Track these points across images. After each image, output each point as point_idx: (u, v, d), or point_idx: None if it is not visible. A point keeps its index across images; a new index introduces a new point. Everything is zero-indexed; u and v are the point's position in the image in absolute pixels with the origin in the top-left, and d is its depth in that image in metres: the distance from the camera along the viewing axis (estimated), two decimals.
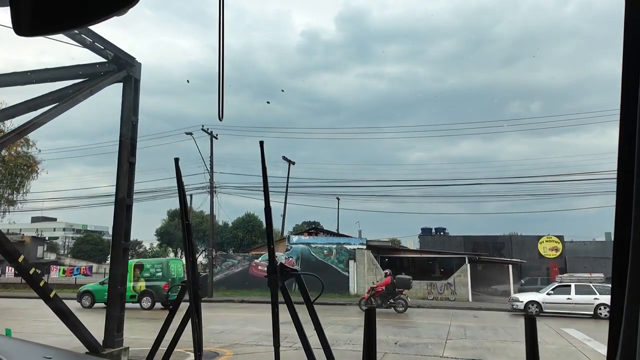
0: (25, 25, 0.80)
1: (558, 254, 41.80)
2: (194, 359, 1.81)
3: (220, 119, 1.74)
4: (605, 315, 18.65)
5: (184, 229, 1.78)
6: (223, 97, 1.68)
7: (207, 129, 25.46)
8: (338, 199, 50.55)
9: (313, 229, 30.43)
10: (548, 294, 20.41)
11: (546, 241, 42.63)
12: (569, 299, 19.60)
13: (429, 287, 25.27)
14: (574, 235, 47.77)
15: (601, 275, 21.82)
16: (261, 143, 1.75)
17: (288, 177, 40.39)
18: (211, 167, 25.56)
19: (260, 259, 27.01)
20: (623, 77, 0.65)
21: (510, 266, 26.48)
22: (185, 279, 1.76)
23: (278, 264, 1.82)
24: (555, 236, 42.47)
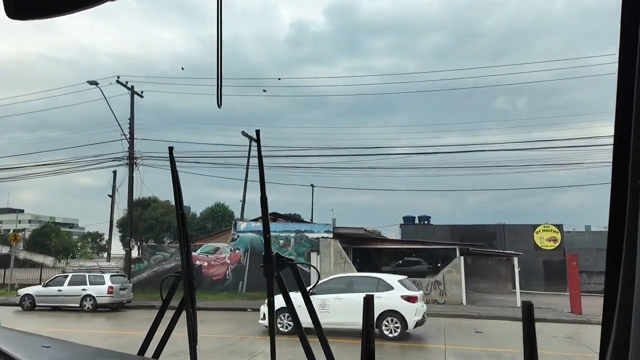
0: (18, 8, 0.80)
1: (557, 245, 36.97)
2: (189, 350, 1.63)
3: (219, 106, 1.45)
4: (89, 307, 17.64)
5: (178, 219, 1.66)
6: (221, 84, 1.42)
7: (126, 82, 19.56)
8: (312, 186, 45.09)
9: (271, 214, 24.77)
10: (45, 285, 18.72)
11: (543, 230, 37.79)
12: (59, 290, 18.14)
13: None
14: (574, 225, 43.05)
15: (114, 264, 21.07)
16: (257, 132, 1.74)
17: (249, 155, 34.93)
18: (131, 133, 19.64)
19: (199, 251, 21.30)
20: (619, 71, 0.66)
21: (515, 259, 21.17)
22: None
23: (274, 253, 1.65)
24: (554, 225, 37.64)
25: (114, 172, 21.79)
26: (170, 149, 1.66)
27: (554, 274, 33.28)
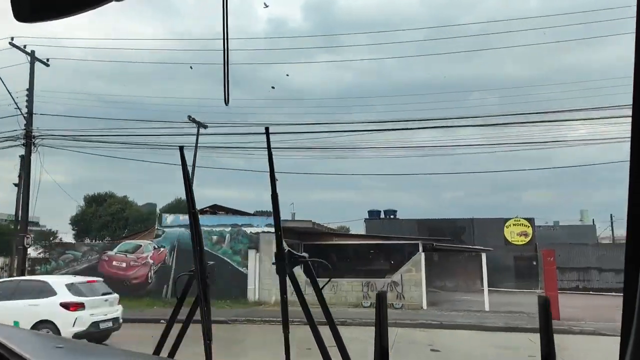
0: (24, 11, 0.80)
1: (528, 239, 34.94)
2: (204, 347, 1.72)
3: (226, 104, 1.46)
4: None
5: (190, 217, 1.78)
6: (228, 81, 1.41)
7: (24, 46, 16.12)
8: (276, 179, 42.13)
9: (210, 207, 21.65)
10: None
11: (513, 225, 35.72)
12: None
13: (366, 289, 17.04)
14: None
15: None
16: (267, 129, 1.79)
17: (197, 143, 31.84)
18: (29, 108, 16.20)
19: (116, 249, 18.03)
20: (636, 66, 0.64)
21: (484, 255, 18.63)
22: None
23: (286, 250, 1.68)
24: (525, 219, 35.58)
25: (21, 157, 18.29)
26: (181, 147, 1.74)
27: (526, 270, 31.18)
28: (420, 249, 19.52)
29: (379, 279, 17.43)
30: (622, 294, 0.66)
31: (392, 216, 40.15)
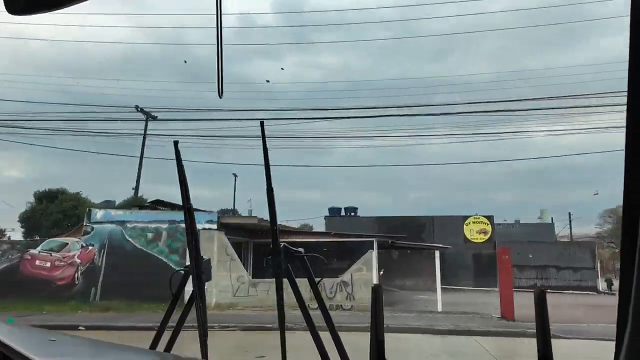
0: (17, 4, 0.80)
1: (487, 237, 34.65)
2: (199, 343, 1.74)
3: (220, 97, 1.41)
4: None
5: (185, 213, 1.75)
6: (222, 74, 1.40)
7: None
8: (235, 175, 40.47)
9: (152, 202, 20.09)
10: None
11: (473, 222, 35.39)
12: None
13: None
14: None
15: None
16: (262, 123, 1.74)
17: (145, 135, 30.32)
18: None
19: (39, 248, 16.29)
20: (630, 65, 0.63)
21: (437, 253, 17.82)
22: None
23: (282, 245, 1.71)
24: (484, 216, 35.28)
25: None
26: (176, 143, 1.69)
27: (484, 268, 30.73)
28: (375, 246, 18.58)
29: (331, 278, 16.35)
30: (578, 292, 0.44)
31: (352, 213, 39.34)
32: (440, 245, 31.82)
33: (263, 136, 1.70)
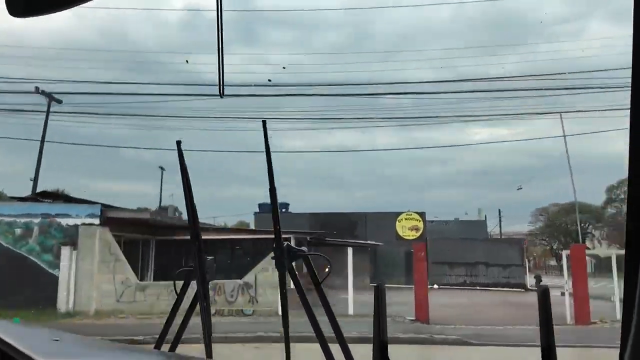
0: (19, 6, 0.80)
1: (418, 234, 33.92)
2: (204, 343, 1.65)
3: (221, 96, 1.57)
4: None
5: (189, 213, 1.66)
6: (223, 72, 1.49)
7: None
8: (162, 169, 37.66)
9: (38, 194, 17.48)
10: None
11: (405, 219, 34.62)
12: None
13: (216, 292, 14.04)
14: (437, 213, 40.72)
15: None
16: (264, 122, 1.70)
17: (46, 123, 27.30)
18: None
19: None
20: (633, 67, 0.63)
21: (349, 249, 16.38)
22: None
23: (285, 245, 1.68)
24: (416, 213, 34.58)
25: None
26: (178, 142, 1.67)
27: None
28: (292, 243, 16.89)
29: (226, 280, 14.54)
30: (506, 289, 0.45)
31: (283, 210, 37.58)
32: (372, 242, 30.84)
33: (265, 135, 1.62)
